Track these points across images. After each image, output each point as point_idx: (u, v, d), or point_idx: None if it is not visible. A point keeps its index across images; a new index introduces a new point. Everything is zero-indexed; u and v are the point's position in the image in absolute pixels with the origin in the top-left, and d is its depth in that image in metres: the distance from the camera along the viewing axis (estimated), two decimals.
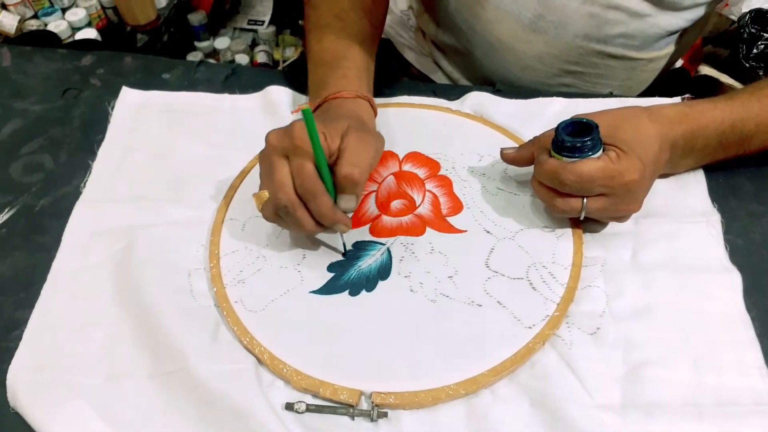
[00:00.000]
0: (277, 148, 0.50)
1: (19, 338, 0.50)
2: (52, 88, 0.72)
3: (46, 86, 0.73)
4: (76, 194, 0.61)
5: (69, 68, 0.75)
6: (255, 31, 1.75)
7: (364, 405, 0.47)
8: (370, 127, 0.59)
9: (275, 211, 0.51)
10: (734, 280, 0.52)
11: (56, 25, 1.30)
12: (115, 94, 0.70)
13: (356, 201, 0.51)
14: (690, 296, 0.51)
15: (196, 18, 1.62)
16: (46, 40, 1.23)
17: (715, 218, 0.56)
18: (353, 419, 0.46)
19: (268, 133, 0.52)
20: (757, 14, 0.98)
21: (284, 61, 1.66)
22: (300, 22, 1.71)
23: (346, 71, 0.61)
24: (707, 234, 0.56)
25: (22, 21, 1.29)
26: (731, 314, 0.51)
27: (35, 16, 1.32)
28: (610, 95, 0.70)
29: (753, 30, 0.97)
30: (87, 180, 0.62)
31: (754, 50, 0.96)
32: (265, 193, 0.51)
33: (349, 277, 0.53)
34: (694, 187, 0.59)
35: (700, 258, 0.54)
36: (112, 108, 0.69)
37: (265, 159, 0.52)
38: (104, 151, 0.65)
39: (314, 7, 0.68)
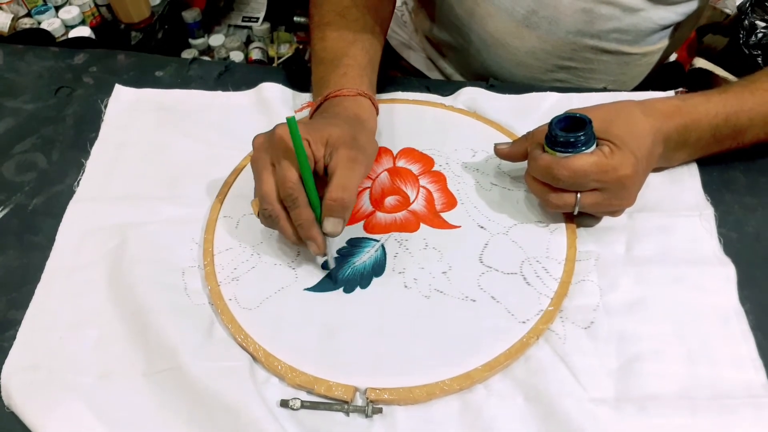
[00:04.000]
0: (263, 156, 0.50)
1: (13, 338, 0.50)
2: (44, 86, 0.72)
3: (38, 85, 0.72)
4: (70, 193, 0.60)
5: (61, 66, 0.75)
6: (249, 27, 1.74)
7: (359, 401, 0.47)
8: (369, 126, 0.58)
9: (265, 220, 0.51)
10: (728, 272, 0.52)
11: (50, 23, 1.29)
12: (108, 92, 0.70)
13: (342, 225, 0.50)
14: (684, 290, 0.52)
15: (190, 15, 1.62)
16: (39, 38, 1.23)
17: (709, 212, 0.56)
18: (348, 415, 0.46)
19: (255, 139, 0.52)
20: (757, 1, 0.98)
21: (279, 58, 1.66)
22: (294, 18, 1.71)
23: (346, 69, 0.61)
24: (701, 227, 0.56)
25: (15, 19, 1.28)
26: (725, 307, 0.51)
27: (29, 15, 1.31)
28: (604, 90, 0.70)
29: (753, 18, 0.97)
30: (80, 179, 0.62)
31: (753, 38, 0.96)
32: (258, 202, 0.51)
33: (344, 274, 0.53)
34: (687, 180, 0.59)
35: (694, 251, 0.54)
36: (105, 106, 0.68)
37: (253, 166, 0.52)
38: (97, 150, 0.64)
39: (317, 6, 0.68)
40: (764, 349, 0.48)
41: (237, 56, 1.64)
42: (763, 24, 0.96)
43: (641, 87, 0.78)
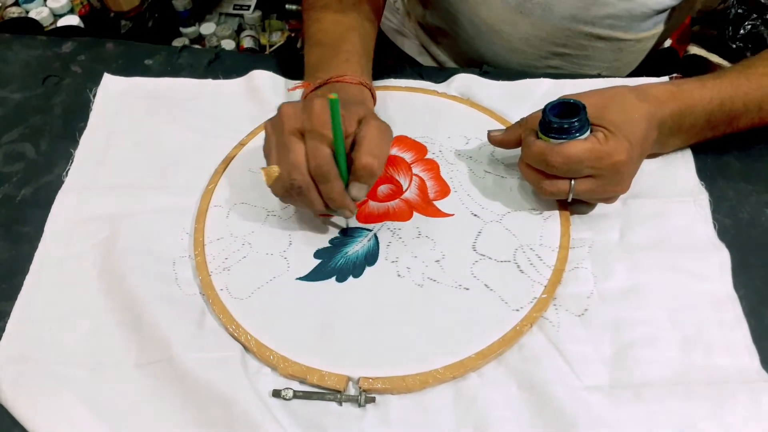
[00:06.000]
0: (294, 126, 0.49)
1: (2, 330, 0.50)
2: (32, 75, 0.71)
3: (25, 74, 0.71)
4: (58, 183, 0.60)
5: (49, 55, 0.73)
6: (241, 15, 1.72)
7: (352, 390, 0.46)
8: None
9: (287, 190, 0.50)
10: (723, 258, 0.52)
11: (38, 12, 1.28)
12: (96, 81, 0.69)
13: (367, 190, 0.51)
14: (678, 276, 0.51)
15: (180, 3, 1.60)
16: (27, 27, 1.21)
17: (703, 197, 0.56)
18: (341, 405, 0.46)
19: (283, 105, 0.51)
20: None
21: (271, 46, 1.65)
22: (286, 6, 1.69)
23: (348, 56, 0.60)
24: (695, 213, 0.55)
25: (3, 8, 1.27)
26: (719, 293, 0.50)
27: (16, 3, 1.30)
28: (598, 76, 0.69)
29: (740, 11, 0.96)
30: (69, 169, 0.61)
31: (741, 31, 0.95)
32: (275, 169, 0.49)
33: (336, 263, 0.53)
34: (682, 166, 0.59)
35: (688, 238, 0.54)
36: (94, 95, 0.67)
37: (278, 133, 0.50)
38: (86, 139, 0.64)
39: None
40: (758, 334, 0.48)
41: (228, 44, 1.63)
42: (753, 15, 0.95)
43: (635, 73, 0.78)
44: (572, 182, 0.51)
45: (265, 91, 0.66)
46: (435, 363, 0.47)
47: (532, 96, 0.65)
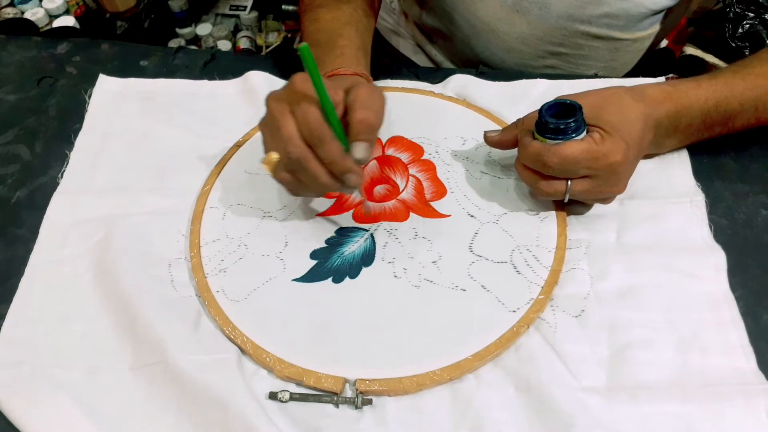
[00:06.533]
0: (280, 103, 0.48)
1: None
2: (27, 76, 0.71)
3: (20, 75, 0.71)
4: (54, 185, 0.59)
5: (44, 56, 0.73)
6: (237, 16, 1.72)
7: (349, 392, 0.46)
8: None
9: (288, 170, 0.49)
10: (718, 259, 0.52)
11: (33, 12, 1.27)
12: (91, 82, 0.68)
13: (371, 150, 0.49)
14: (674, 277, 0.51)
15: (176, 4, 1.59)
16: (22, 28, 1.21)
17: (700, 198, 0.56)
18: (338, 407, 0.46)
19: (268, 94, 0.50)
20: None
21: (267, 47, 1.64)
22: (282, 6, 1.69)
23: (342, 50, 0.60)
24: (692, 214, 0.55)
25: None
26: (715, 294, 0.50)
27: (11, 4, 1.29)
28: (595, 76, 0.69)
29: (738, 9, 0.96)
30: (64, 170, 0.61)
31: (740, 30, 0.96)
32: (274, 155, 0.48)
33: (333, 264, 0.53)
34: (678, 167, 0.59)
35: (685, 238, 0.54)
36: (89, 96, 0.67)
37: (268, 118, 0.49)
38: (81, 141, 0.63)
39: None
40: (754, 335, 0.48)
41: (224, 45, 1.62)
42: (751, 14, 0.95)
43: (632, 73, 0.78)
44: (569, 183, 0.51)
45: (261, 92, 0.65)
46: (432, 364, 0.46)
47: (528, 96, 0.65)
